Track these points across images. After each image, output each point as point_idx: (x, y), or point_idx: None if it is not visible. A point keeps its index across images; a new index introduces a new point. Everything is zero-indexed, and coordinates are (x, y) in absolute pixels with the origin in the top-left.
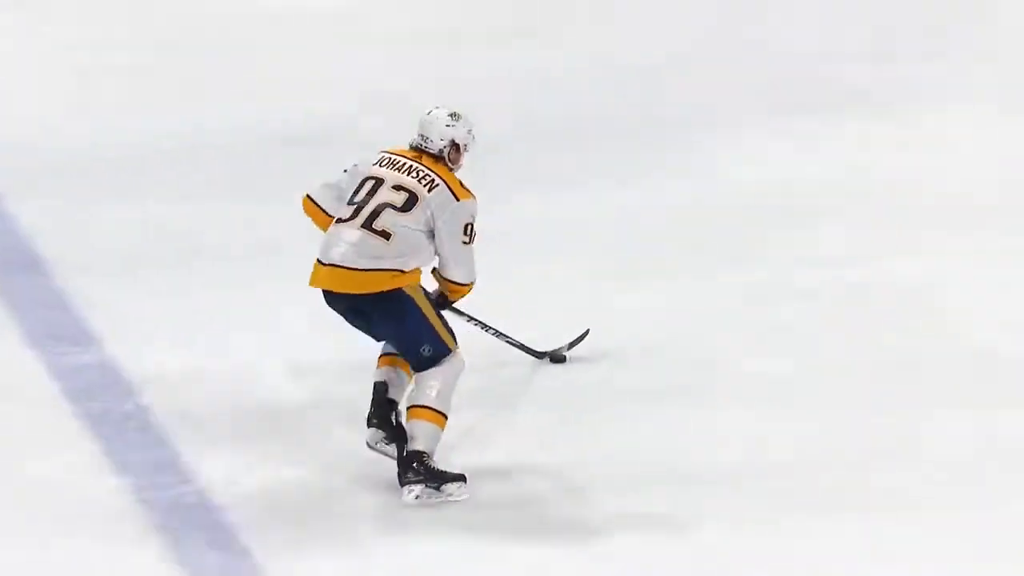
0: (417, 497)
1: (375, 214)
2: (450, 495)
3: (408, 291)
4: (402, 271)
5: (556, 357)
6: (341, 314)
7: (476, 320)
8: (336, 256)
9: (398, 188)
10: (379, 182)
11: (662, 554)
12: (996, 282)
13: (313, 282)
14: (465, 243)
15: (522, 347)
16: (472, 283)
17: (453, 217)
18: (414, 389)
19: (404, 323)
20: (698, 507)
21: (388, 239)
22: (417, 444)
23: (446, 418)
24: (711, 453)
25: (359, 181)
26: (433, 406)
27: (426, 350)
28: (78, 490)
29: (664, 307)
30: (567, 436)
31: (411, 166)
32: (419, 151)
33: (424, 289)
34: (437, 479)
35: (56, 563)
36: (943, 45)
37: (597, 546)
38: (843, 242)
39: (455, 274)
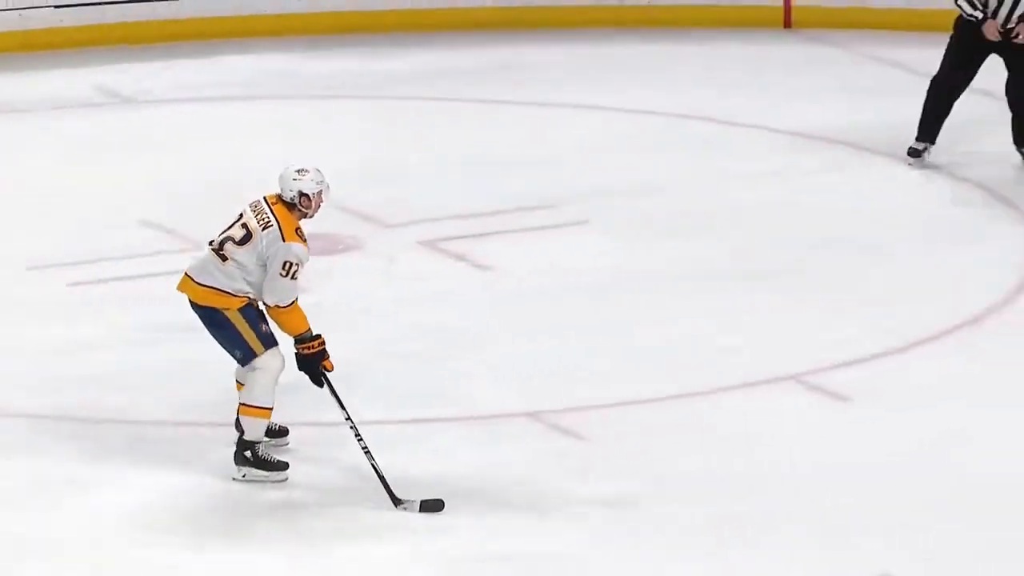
0: (244, 476)
1: (222, 243)
2: (274, 480)
3: (225, 312)
4: (226, 292)
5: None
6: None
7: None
8: (188, 267)
9: (244, 226)
10: (239, 218)
11: None
12: None
13: (178, 286)
14: (282, 275)
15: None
16: (285, 306)
17: (277, 253)
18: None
19: (220, 331)
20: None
21: (224, 262)
22: (247, 436)
23: (269, 410)
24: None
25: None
26: (252, 403)
27: (236, 354)
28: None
29: None
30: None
31: (263, 209)
32: (278, 199)
33: (252, 315)
34: (263, 466)
35: None
36: None
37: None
38: None
39: (268, 298)
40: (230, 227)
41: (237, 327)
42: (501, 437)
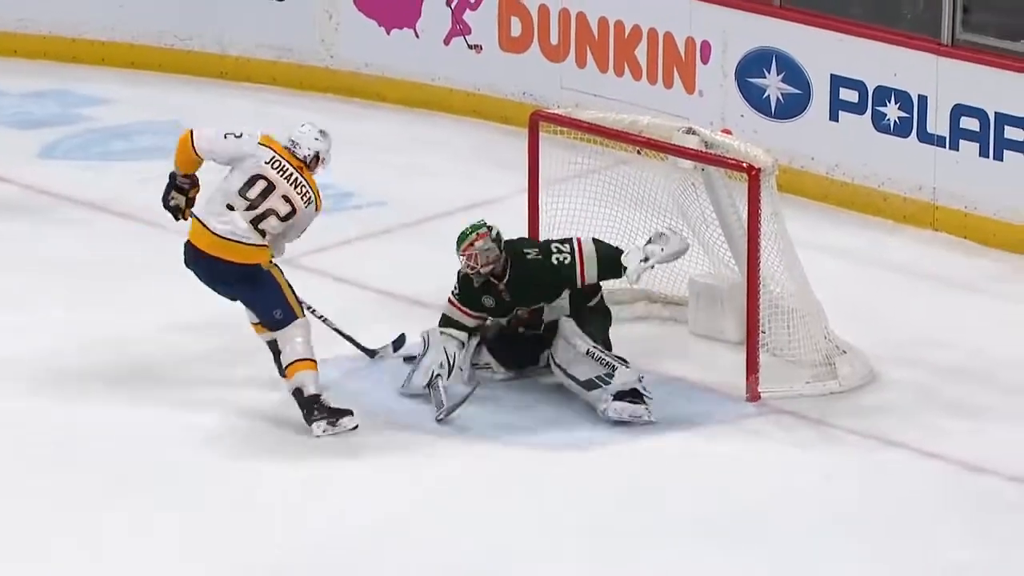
0: (324, 431)
1: (263, 217)
2: (346, 427)
3: (266, 266)
4: (264, 246)
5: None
6: (201, 277)
7: (322, 317)
8: (224, 231)
9: (286, 199)
10: (271, 187)
11: None
12: None
13: (197, 242)
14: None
15: (354, 343)
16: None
17: (304, 222)
18: (282, 352)
19: (261, 290)
20: None
21: (264, 236)
22: (309, 390)
23: (315, 363)
24: None
25: (249, 176)
26: (304, 357)
27: (277, 314)
28: None
29: None
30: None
31: (296, 179)
32: (291, 153)
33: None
34: (335, 414)
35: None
36: None
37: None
38: None
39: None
40: (262, 196)
41: (281, 287)
42: None
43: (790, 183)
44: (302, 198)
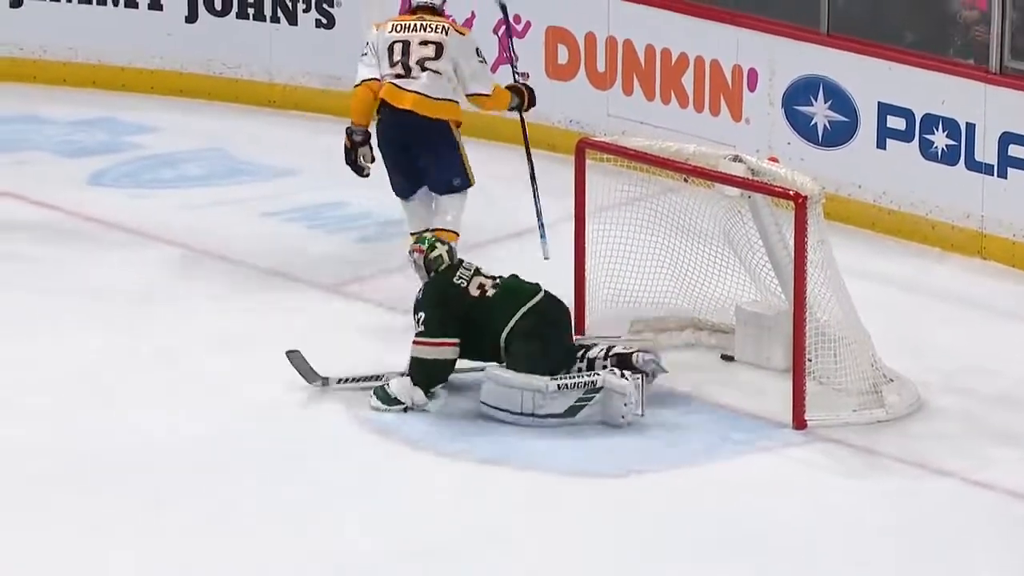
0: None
1: (420, 63)
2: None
3: (453, 127)
4: (456, 102)
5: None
6: (391, 148)
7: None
8: (417, 86)
9: (425, 43)
10: (406, 43)
11: None
12: None
13: (400, 102)
14: (481, 62)
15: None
16: (492, 93)
17: (464, 47)
18: (435, 213)
19: (445, 155)
20: None
21: (440, 75)
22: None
23: (458, 235)
24: None
25: (387, 49)
26: (450, 228)
27: (455, 181)
28: None
29: None
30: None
31: (423, 24)
32: (417, 9)
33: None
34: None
35: None
36: None
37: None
38: None
39: (477, 87)
40: (405, 53)
41: (461, 151)
42: None
43: (837, 211)
44: (437, 32)
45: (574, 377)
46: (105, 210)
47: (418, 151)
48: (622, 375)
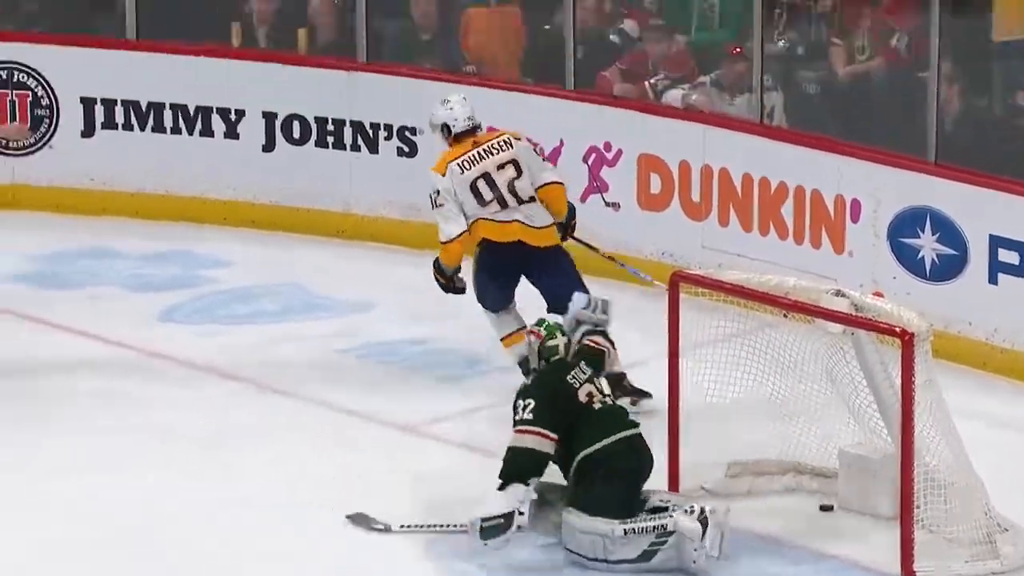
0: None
1: (512, 192)
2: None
3: (563, 248)
4: (552, 225)
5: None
6: (510, 272)
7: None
8: (522, 217)
9: (502, 166)
10: (486, 175)
11: None
12: None
13: (508, 237)
14: (546, 161)
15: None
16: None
17: (527, 149)
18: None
19: (569, 271)
20: None
21: (535, 201)
22: (615, 367)
23: None
24: None
25: (468, 191)
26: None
27: (581, 289)
28: None
29: None
30: None
31: (486, 148)
32: (462, 136)
33: None
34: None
35: None
36: None
37: None
38: None
39: (550, 175)
40: (491, 186)
41: (574, 262)
42: None
43: (946, 349)
44: (504, 147)
45: (643, 521)
46: (175, 346)
47: (541, 271)
48: (692, 513)
